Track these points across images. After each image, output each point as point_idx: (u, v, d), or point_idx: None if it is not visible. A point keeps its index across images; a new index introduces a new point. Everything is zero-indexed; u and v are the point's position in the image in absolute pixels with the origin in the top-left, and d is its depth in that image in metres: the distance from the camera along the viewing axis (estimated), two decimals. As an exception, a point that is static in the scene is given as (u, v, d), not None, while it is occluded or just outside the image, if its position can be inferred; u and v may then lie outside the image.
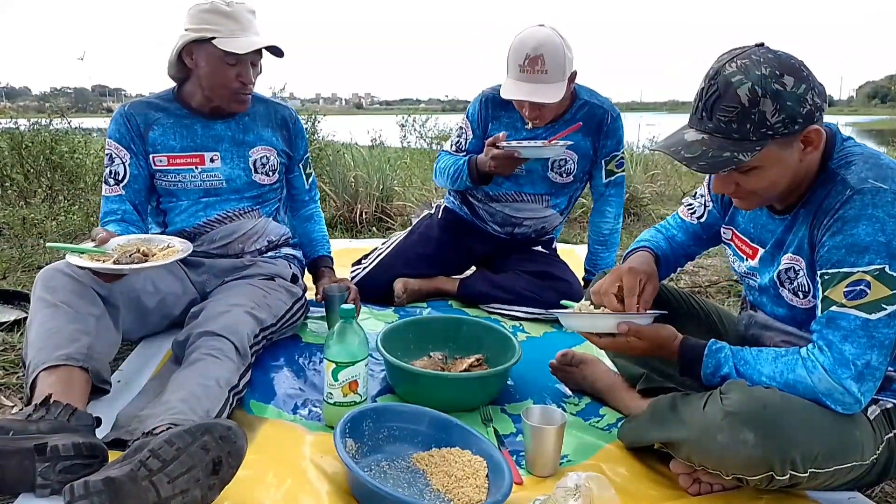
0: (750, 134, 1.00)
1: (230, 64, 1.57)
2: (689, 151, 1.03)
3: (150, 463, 0.94)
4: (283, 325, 1.67)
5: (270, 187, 1.77)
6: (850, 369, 0.99)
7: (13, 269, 2.48)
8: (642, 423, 1.23)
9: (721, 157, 1.01)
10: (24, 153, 3.60)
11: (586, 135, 1.99)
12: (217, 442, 0.98)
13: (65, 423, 1.09)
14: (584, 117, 1.98)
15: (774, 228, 1.16)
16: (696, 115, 1.05)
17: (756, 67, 0.98)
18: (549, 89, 1.80)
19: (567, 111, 1.98)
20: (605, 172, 2.04)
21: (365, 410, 1.23)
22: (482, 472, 1.14)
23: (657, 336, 1.16)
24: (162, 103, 1.68)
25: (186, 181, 1.68)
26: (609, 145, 2.02)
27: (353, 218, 3.58)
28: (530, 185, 2.04)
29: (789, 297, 1.14)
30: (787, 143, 1.02)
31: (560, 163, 2.00)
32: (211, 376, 1.27)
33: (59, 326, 1.29)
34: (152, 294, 1.59)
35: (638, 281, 1.23)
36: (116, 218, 1.63)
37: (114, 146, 1.65)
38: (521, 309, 2.00)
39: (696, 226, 1.36)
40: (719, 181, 1.09)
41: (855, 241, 0.99)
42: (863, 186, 1.00)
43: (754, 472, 1.01)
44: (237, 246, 1.74)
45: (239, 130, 1.71)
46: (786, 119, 0.99)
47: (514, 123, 2.00)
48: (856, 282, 0.99)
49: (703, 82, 1.03)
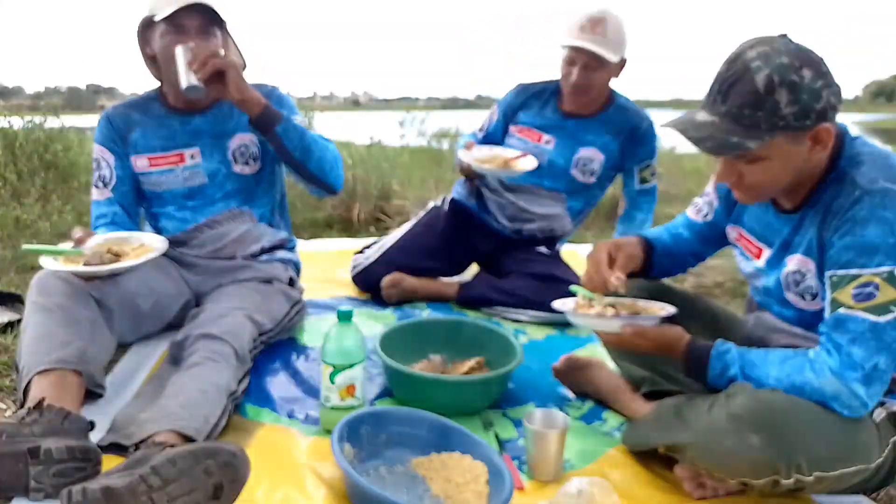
0: (761, 122, 0.99)
1: (173, 34, 1.51)
2: (697, 131, 1.03)
3: (150, 479, 0.93)
4: (281, 330, 1.65)
5: (254, 178, 1.71)
6: (857, 372, 0.98)
7: (6, 270, 2.46)
8: (646, 426, 1.22)
9: (729, 141, 1.00)
10: (18, 152, 3.58)
11: (616, 136, 1.99)
12: (220, 467, 0.97)
13: (58, 426, 1.08)
14: (618, 119, 1.99)
15: (781, 228, 1.15)
16: (710, 98, 1.04)
17: (777, 56, 0.98)
18: (606, 50, 1.82)
19: (602, 110, 1.99)
20: (638, 180, 2.03)
21: (363, 415, 1.21)
22: (483, 478, 1.12)
23: (662, 336, 1.16)
24: (143, 103, 1.67)
25: (170, 181, 1.66)
26: (641, 153, 2.01)
27: (350, 217, 3.56)
28: (550, 179, 2.03)
29: (795, 299, 1.13)
30: (796, 139, 1.01)
31: (585, 161, 2.00)
32: (210, 381, 1.25)
33: (53, 330, 1.27)
34: (147, 296, 1.57)
35: (607, 253, 1.22)
36: (106, 221, 1.62)
37: (99, 150, 1.65)
38: (525, 312, 1.98)
39: (701, 225, 1.35)
40: (723, 169, 1.08)
41: (865, 242, 0.98)
42: (872, 187, 0.99)
43: (759, 476, 1.00)
44: (228, 251, 1.71)
45: (217, 122, 1.67)
46: (798, 112, 0.98)
47: (542, 111, 2.03)
48: (865, 284, 0.98)
49: (723, 66, 1.02)
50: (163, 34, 1.53)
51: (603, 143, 1.98)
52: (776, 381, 1.04)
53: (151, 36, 1.58)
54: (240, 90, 1.47)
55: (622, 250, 1.25)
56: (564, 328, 1.97)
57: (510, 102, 2.09)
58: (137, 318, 1.56)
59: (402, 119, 6.21)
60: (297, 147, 1.57)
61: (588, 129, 1.98)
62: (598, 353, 1.57)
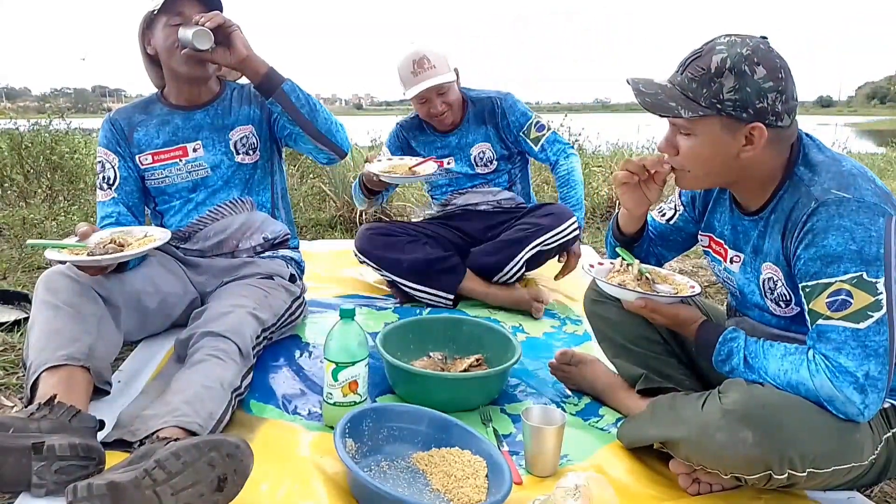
0: (701, 98, 1.04)
1: (175, 25, 1.57)
2: (645, 87, 1.10)
3: (155, 473, 0.94)
4: (283, 325, 1.67)
5: (255, 166, 1.75)
6: (850, 380, 0.98)
7: (13, 269, 2.48)
8: (641, 422, 1.24)
9: (666, 103, 1.06)
10: (24, 154, 3.60)
11: (482, 124, 2.21)
12: (224, 459, 0.98)
13: (66, 423, 1.09)
14: (478, 112, 2.21)
15: (748, 231, 1.17)
16: (676, 68, 1.10)
17: (741, 47, 1.03)
18: (443, 76, 2.06)
19: (465, 115, 2.22)
20: (532, 142, 2.21)
21: (365, 410, 1.24)
22: (482, 472, 1.14)
23: (676, 315, 1.20)
24: (145, 105, 1.72)
25: (173, 175, 1.69)
26: (513, 121, 2.20)
27: (352, 218, 3.58)
28: (466, 180, 2.26)
29: (772, 306, 1.15)
30: (730, 128, 1.05)
31: (479, 156, 2.22)
32: (214, 378, 1.27)
33: (61, 327, 1.29)
34: (153, 295, 1.60)
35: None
36: (111, 221, 1.64)
37: (103, 152, 1.69)
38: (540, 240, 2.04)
39: (664, 226, 1.39)
40: (665, 137, 1.14)
41: (827, 251, 1.00)
42: (826, 198, 1.01)
43: (752, 472, 1.01)
44: (231, 243, 1.74)
45: (218, 116, 1.71)
46: (738, 101, 1.02)
47: (429, 139, 2.26)
48: (836, 292, 0.99)
49: (700, 45, 1.08)
50: (164, 25, 1.58)
51: (484, 134, 2.21)
52: (773, 375, 1.05)
53: (152, 34, 1.62)
54: (247, 46, 1.55)
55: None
56: (562, 326, 1.99)
57: (401, 141, 2.30)
58: (143, 317, 1.59)
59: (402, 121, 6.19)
60: (305, 104, 1.63)
61: (466, 132, 2.22)
62: (594, 351, 1.59)
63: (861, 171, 1.05)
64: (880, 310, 0.98)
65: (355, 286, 2.29)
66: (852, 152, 7.15)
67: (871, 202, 1.00)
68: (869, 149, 8.81)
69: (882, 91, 55.71)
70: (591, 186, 4.25)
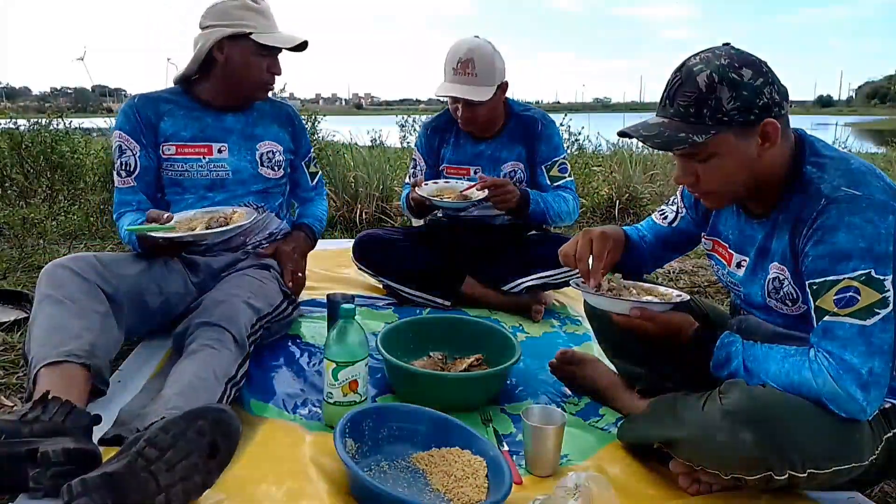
0: (706, 118, 1.03)
1: (263, 55, 1.67)
2: (647, 131, 1.08)
3: (147, 452, 0.93)
4: (279, 315, 1.67)
5: (276, 182, 1.81)
6: (853, 376, 0.98)
7: (13, 269, 2.48)
8: (642, 422, 1.24)
9: (676, 136, 1.05)
10: (25, 153, 3.60)
11: (517, 142, 2.12)
12: (212, 425, 0.97)
13: (59, 424, 1.08)
14: (517, 128, 2.12)
15: (754, 234, 1.17)
16: (661, 104, 1.10)
17: (716, 59, 1.04)
18: (478, 91, 1.95)
19: (504, 127, 2.12)
20: (549, 178, 2.12)
21: (365, 410, 1.24)
22: (482, 472, 1.14)
23: (670, 322, 1.19)
24: (171, 96, 1.73)
25: (193, 171, 1.71)
26: (544, 150, 2.11)
27: (352, 218, 3.58)
28: None
29: (778, 306, 1.15)
30: (745, 134, 1.05)
31: (511, 174, 2.11)
32: (208, 368, 1.27)
33: (64, 322, 1.28)
34: (156, 294, 1.60)
35: (606, 246, 1.25)
36: (132, 209, 1.66)
37: (124, 138, 1.68)
38: (539, 275, 2.01)
39: (666, 230, 1.39)
40: (680, 170, 1.13)
41: (836, 249, 1.00)
42: (836, 195, 1.01)
43: (753, 472, 1.01)
44: (239, 238, 1.76)
45: (248, 125, 1.75)
46: (741, 107, 1.02)
47: (459, 140, 2.16)
48: (844, 289, 1.00)
49: (671, 75, 1.08)
50: (253, 53, 1.66)
51: (517, 153, 2.11)
52: (775, 377, 1.05)
53: (233, 44, 1.65)
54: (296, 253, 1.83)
55: (616, 249, 1.28)
56: (562, 326, 1.99)
57: (431, 145, 2.20)
58: (145, 315, 1.58)
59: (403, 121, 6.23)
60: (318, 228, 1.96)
61: (501, 147, 2.12)
62: (594, 351, 1.59)
63: (870, 169, 1.05)
64: (887, 307, 0.98)
65: (355, 286, 2.30)
66: (853, 151, 7.15)
67: (881, 199, 1.00)
68: (869, 148, 8.80)
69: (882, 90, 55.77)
70: (591, 186, 4.25)
